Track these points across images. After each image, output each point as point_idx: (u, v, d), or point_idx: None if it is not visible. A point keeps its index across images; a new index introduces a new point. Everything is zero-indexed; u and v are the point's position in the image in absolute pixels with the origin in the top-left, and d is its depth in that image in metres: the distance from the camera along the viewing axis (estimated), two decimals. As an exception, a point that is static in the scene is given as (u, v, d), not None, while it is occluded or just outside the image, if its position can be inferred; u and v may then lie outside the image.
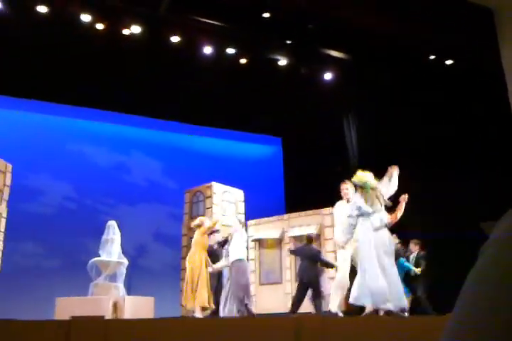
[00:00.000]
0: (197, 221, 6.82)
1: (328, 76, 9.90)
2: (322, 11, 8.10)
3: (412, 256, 7.89)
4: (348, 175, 10.71)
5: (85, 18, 8.23)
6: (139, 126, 11.05)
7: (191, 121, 10.92)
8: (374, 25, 8.22)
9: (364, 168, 10.28)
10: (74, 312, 4.51)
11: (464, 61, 9.04)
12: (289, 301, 7.89)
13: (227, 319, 4.92)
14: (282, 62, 9.63)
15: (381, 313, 5.09)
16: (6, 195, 7.18)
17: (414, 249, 7.93)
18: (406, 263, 7.73)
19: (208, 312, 6.39)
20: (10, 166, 7.43)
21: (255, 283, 8.08)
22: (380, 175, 6.43)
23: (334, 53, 9.43)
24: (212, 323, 3.71)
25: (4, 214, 7.02)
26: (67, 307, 5.94)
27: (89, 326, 3.14)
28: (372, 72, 9.57)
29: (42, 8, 7.99)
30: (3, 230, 6.92)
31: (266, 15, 8.56)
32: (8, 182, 7.33)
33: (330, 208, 8.10)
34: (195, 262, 6.27)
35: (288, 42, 9.33)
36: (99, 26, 8.40)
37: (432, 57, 9.23)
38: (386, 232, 5.45)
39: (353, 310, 6.03)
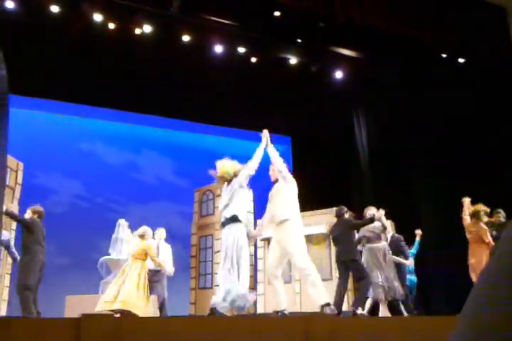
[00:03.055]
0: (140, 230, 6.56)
1: (338, 74, 9.86)
2: (332, 10, 8.07)
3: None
4: (359, 174, 10.70)
5: (97, 17, 8.28)
6: (149, 125, 11.09)
7: (201, 120, 10.93)
8: (385, 23, 8.16)
9: (374, 167, 10.24)
10: (84, 309, 4.54)
11: (476, 59, 8.95)
12: (297, 301, 7.89)
13: (237, 318, 4.91)
14: (293, 60, 9.61)
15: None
16: (17, 194, 7.26)
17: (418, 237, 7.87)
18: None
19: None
20: (22, 165, 7.51)
21: (264, 283, 8.08)
22: (390, 175, 6.39)
23: (345, 51, 9.38)
24: (222, 322, 3.71)
25: (16, 213, 7.08)
26: (77, 305, 5.98)
27: (99, 324, 3.14)
28: (384, 70, 9.52)
29: (54, 8, 8.06)
30: (14, 228, 6.98)
31: (276, 13, 8.54)
32: (20, 180, 7.40)
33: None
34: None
35: (299, 40, 9.30)
36: (111, 26, 8.45)
37: (444, 55, 9.15)
38: (236, 226, 4.80)
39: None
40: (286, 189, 5.11)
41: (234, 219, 4.84)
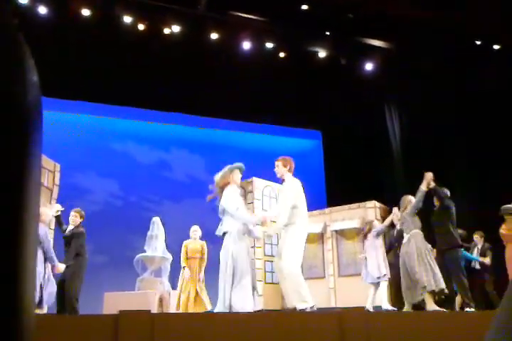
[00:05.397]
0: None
1: (369, 66, 9.71)
2: (360, 0, 7.94)
3: (477, 249, 7.67)
4: (391, 167, 10.49)
5: (127, 19, 8.43)
6: (179, 123, 11.20)
7: (231, 116, 10.97)
8: (414, 12, 7.98)
9: (407, 160, 10.01)
10: (121, 306, 4.62)
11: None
12: (331, 296, 7.84)
13: (271, 313, 4.93)
14: (322, 54, 9.52)
15: None
16: (55, 194, 7.44)
17: (479, 241, 7.72)
18: (469, 254, 7.45)
19: None
20: (58, 166, 7.69)
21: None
22: (424, 168, 6.24)
23: (375, 42, 9.23)
24: (256, 317, 3.72)
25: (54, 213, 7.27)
26: (115, 302, 6.10)
27: (136, 320, 3.20)
28: (415, 60, 9.30)
29: (85, 12, 8.23)
30: (53, 228, 7.17)
31: (304, 7, 8.47)
32: (57, 181, 7.59)
33: (373, 201, 7.97)
34: None
35: (327, 33, 9.20)
36: (141, 26, 8.57)
37: (478, 42, 8.88)
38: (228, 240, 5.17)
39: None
40: (290, 191, 5.04)
41: (225, 234, 5.02)
